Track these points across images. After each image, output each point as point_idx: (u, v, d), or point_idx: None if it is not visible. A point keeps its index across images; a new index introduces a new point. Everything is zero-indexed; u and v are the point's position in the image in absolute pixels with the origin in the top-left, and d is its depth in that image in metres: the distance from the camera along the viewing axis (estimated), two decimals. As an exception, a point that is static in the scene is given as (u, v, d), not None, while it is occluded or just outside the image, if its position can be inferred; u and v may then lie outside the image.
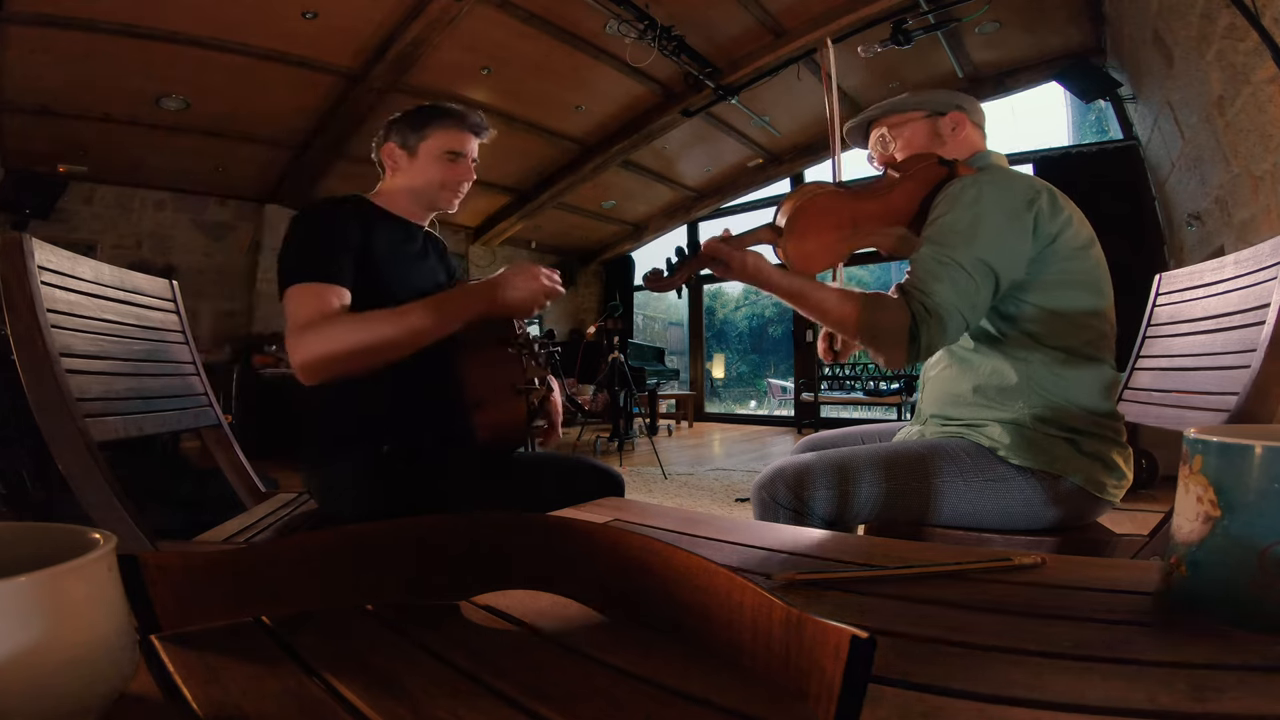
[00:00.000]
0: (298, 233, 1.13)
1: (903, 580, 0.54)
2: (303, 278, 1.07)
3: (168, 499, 2.49)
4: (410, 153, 1.24)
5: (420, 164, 1.24)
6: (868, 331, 1.00)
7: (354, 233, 1.14)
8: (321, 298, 1.05)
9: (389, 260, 1.17)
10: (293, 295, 1.06)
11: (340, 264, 1.10)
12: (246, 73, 4.40)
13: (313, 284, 1.06)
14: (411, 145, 1.24)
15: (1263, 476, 0.41)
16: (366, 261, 1.14)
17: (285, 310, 1.07)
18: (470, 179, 1.28)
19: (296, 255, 1.10)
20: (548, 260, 8.87)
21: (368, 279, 1.13)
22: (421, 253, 1.29)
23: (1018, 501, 1.03)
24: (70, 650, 0.29)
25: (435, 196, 1.27)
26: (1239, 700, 0.33)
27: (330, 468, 1.14)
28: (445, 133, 1.24)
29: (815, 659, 0.31)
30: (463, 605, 0.49)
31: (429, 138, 1.23)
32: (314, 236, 1.12)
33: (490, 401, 1.13)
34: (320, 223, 1.14)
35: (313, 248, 1.10)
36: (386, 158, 1.26)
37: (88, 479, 0.99)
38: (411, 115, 1.25)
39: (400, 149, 1.24)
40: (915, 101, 1.21)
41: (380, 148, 1.26)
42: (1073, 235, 1.04)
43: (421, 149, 1.23)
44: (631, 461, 5.02)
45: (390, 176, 1.27)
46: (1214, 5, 2.80)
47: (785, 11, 4.55)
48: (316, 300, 1.05)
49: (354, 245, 1.13)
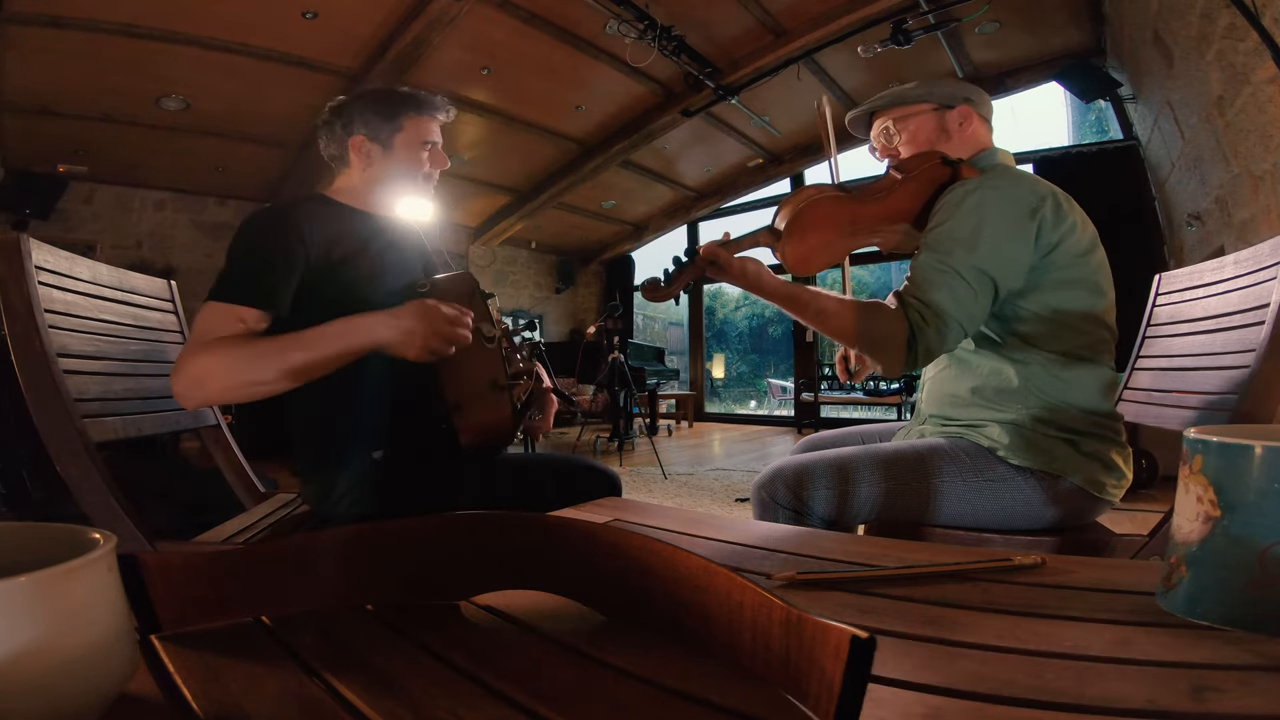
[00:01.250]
0: (238, 245, 1.06)
1: (903, 580, 0.54)
2: (217, 295, 1.00)
3: (168, 499, 2.49)
4: (384, 146, 1.17)
5: (397, 156, 1.18)
6: (865, 339, 1.00)
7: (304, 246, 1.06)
8: (224, 319, 0.99)
9: (355, 261, 1.11)
10: (201, 312, 1.00)
11: (271, 285, 1.02)
12: (246, 73, 4.40)
13: (224, 304, 0.99)
14: (385, 138, 1.17)
15: (1263, 476, 0.41)
16: (327, 269, 1.07)
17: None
18: (446, 165, 1.24)
19: (226, 269, 1.03)
20: (547, 260, 8.88)
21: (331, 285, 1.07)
22: (392, 245, 1.20)
23: (1017, 502, 1.03)
24: (70, 650, 0.29)
25: (410, 188, 1.22)
26: (1239, 700, 0.33)
27: (324, 475, 1.13)
28: (419, 121, 1.19)
29: (815, 659, 0.31)
30: (463, 605, 0.49)
31: (403, 128, 1.18)
32: (250, 252, 1.05)
33: (469, 403, 1.07)
34: (264, 237, 1.07)
35: (243, 265, 1.04)
36: (355, 152, 1.18)
37: (86, 480, 0.99)
38: (374, 103, 1.18)
39: (371, 142, 1.17)
40: (922, 92, 1.17)
41: (344, 142, 1.19)
42: (1074, 242, 1.03)
43: (397, 140, 1.18)
44: (631, 461, 5.02)
45: (358, 171, 1.19)
46: (1214, 5, 2.80)
47: (785, 11, 4.55)
48: (217, 321, 0.98)
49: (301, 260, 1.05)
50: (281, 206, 1.11)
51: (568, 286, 9.07)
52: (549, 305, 8.91)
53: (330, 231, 1.10)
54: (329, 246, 1.08)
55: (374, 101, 1.18)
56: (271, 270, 1.03)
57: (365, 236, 1.15)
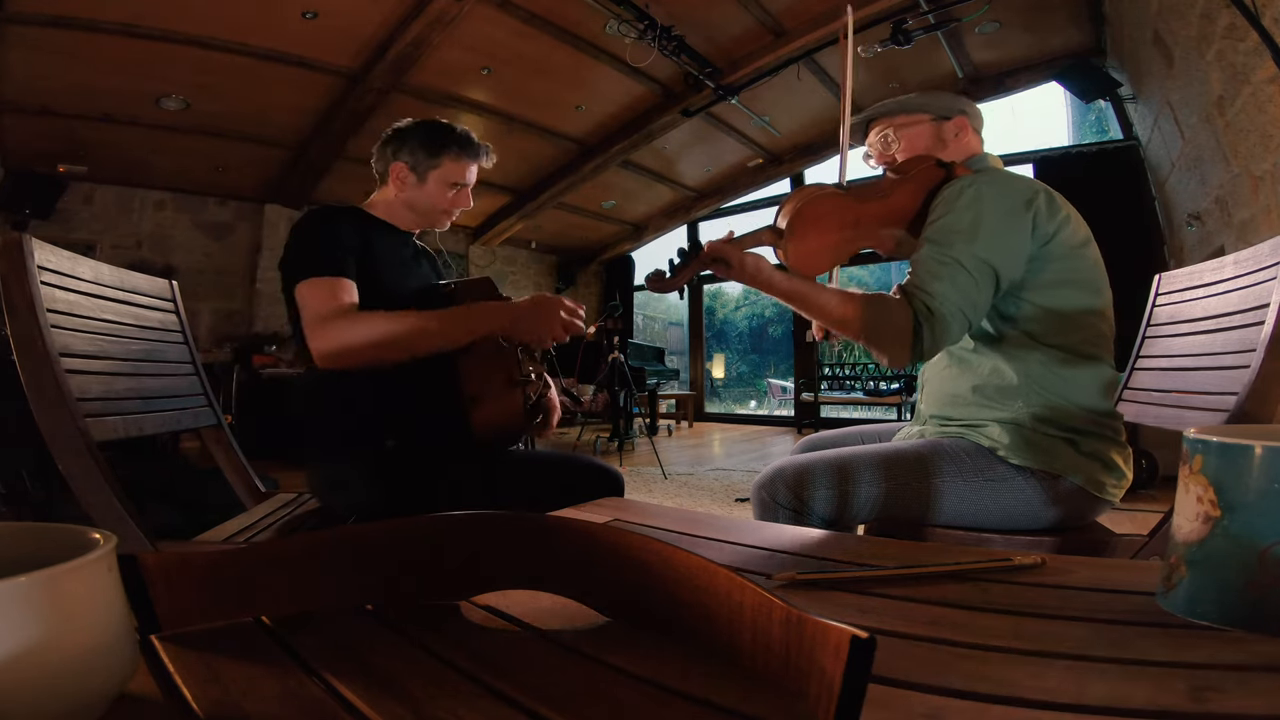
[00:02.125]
0: (303, 233, 1.17)
1: (903, 580, 0.54)
2: (314, 272, 1.11)
3: (168, 499, 2.49)
4: (420, 177, 1.27)
5: (428, 189, 1.27)
6: (870, 332, 1.00)
7: (354, 236, 1.17)
8: (334, 291, 1.10)
9: (387, 265, 1.21)
10: (306, 289, 1.11)
11: (346, 261, 1.14)
12: (246, 73, 4.40)
13: (325, 278, 1.11)
14: (421, 171, 1.27)
15: (1263, 476, 0.41)
16: (367, 264, 1.17)
17: (301, 303, 1.11)
18: (468, 206, 1.33)
19: (306, 252, 1.14)
20: (547, 260, 8.88)
21: (368, 281, 1.16)
22: (413, 259, 1.32)
23: (1017, 501, 1.03)
24: (70, 650, 0.29)
25: (433, 219, 1.32)
26: (1239, 700, 0.33)
27: (333, 464, 1.16)
28: (457, 164, 1.27)
29: (815, 659, 0.31)
30: (463, 605, 0.49)
31: (440, 166, 1.26)
32: (319, 236, 1.16)
33: (486, 396, 1.14)
34: (324, 224, 1.18)
35: (319, 245, 1.14)
36: (394, 175, 1.28)
37: (88, 479, 0.99)
38: (424, 138, 1.26)
39: (410, 171, 1.27)
40: (921, 103, 1.22)
41: (389, 163, 1.28)
42: (1070, 235, 1.05)
43: (431, 176, 1.27)
44: (631, 461, 5.02)
45: (393, 192, 1.29)
46: (1214, 5, 2.80)
47: (785, 11, 4.54)
48: (331, 292, 1.10)
49: (355, 247, 1.16)
50: (330, 207, 1.24)
51: (568, 286, 9.07)
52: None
53: (361, 237, 1.19)
54: (367, 247, 1.18)
55: (426, 135, 1.27)
56: (341, 248, 1.15)
57: (392, 247, 1.26)
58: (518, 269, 8.54)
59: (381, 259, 1.20)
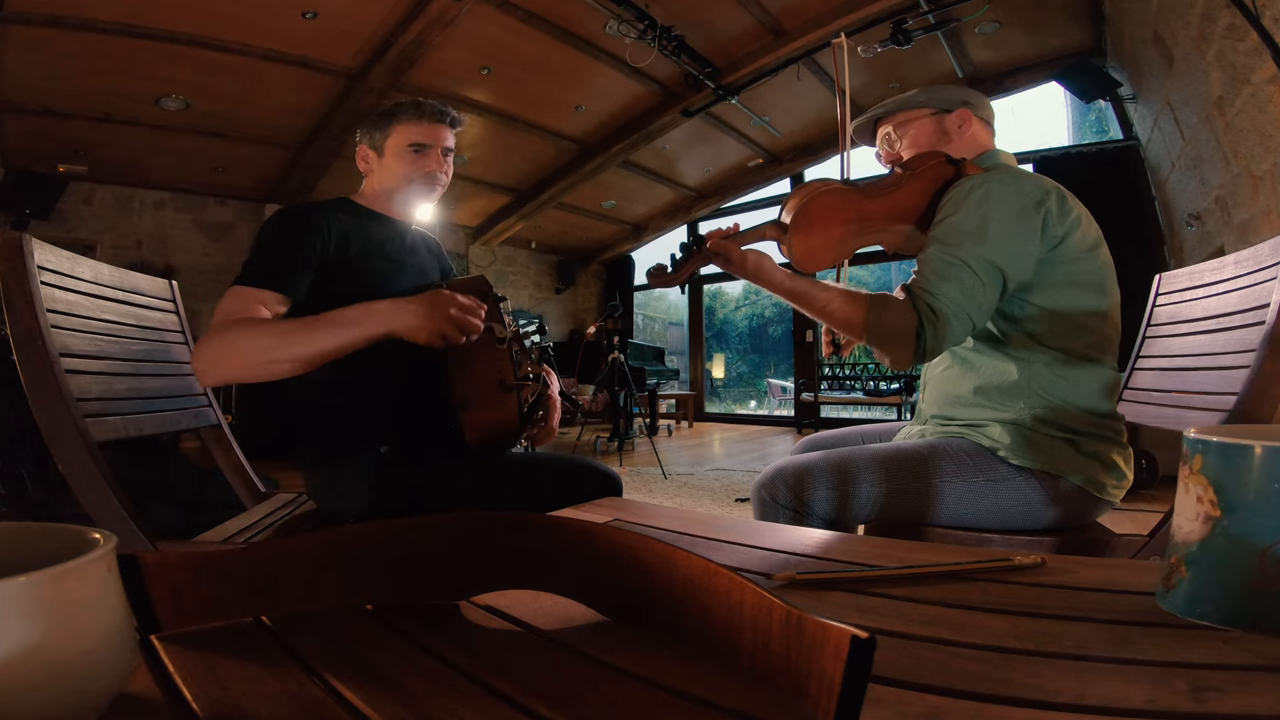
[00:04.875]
0: (263, 235, 1.12)
1: (903, 580, 0.54)
2: (243, 280, 1.06)
3: (168, 499, 2.49)
4: (379, 152, 1.26)
5: (388, 162, 1.25)
6: (874, 332, 1.00)
7: (323, 239, 1.12)
8: (249, 302, 1.03)
9: (372, 258, 1.17)
10: (226, 295, 1.05)
11: (291, 271, 1.07)
12: (246, 73, 4.40)
13: (249, 288, 1.05)
14: (378, 144, 1.25)
15: (1263, 476, 0.41)
16: (344, 263, 1.13)
17: None
18: (440, 168, 1.26)
19: (251, 257, 1.09)
20: (547, 260, 8.88)
21: (348, 280, 1.12)
22: (410, 249, 1.29)
23: (1018, 502, 1.03)
24: (70, 650, 0.29)
25: (409, 192, 1.26)
26: (1239, 700, 0.33)
27: (330, 469, 1.15)
28: (405, 126, 1.24)
29: (815, 659, 0.31)
30: (463, 605, 0.49)
31: (392, 134, 1.24)
32: (274, 242, 1.10)
33: (476, 401, 1.09)
34: (287, 228, 1.12)
35: (268, 253, 1.09)
36: (360, 161, 1.28)
37: (88, 479, 0.99)
38: (377, 115, 1.26)
39: (370, 149, 1.26)
40: (921, 99, 1.21)
41: (356, 151, 1.29)
42: (1080, 237, 1.04)
43: (387, 147, 1.25)
44: (631, 461, 5.01)
45: (367, 178, 1.29)
46: (1214, 5, 2.80)
47: (785, 11, 4.55)
48: (242, 303, 1.03)
49: (320, 252, 1.11)
50: (308, 204, 1.20)
51: (568, 286, 9.08)
52: (549, 305, 8.91)
53: (349, 228, 1.16)
54: (346, 242, 1.15)
55: (380, 112, 1.26)
56: (290, 257, 1.08)
57: (382, 238, 1.22)
58: (518, 269, 8.54)
59: (366, 251, 1.16)
